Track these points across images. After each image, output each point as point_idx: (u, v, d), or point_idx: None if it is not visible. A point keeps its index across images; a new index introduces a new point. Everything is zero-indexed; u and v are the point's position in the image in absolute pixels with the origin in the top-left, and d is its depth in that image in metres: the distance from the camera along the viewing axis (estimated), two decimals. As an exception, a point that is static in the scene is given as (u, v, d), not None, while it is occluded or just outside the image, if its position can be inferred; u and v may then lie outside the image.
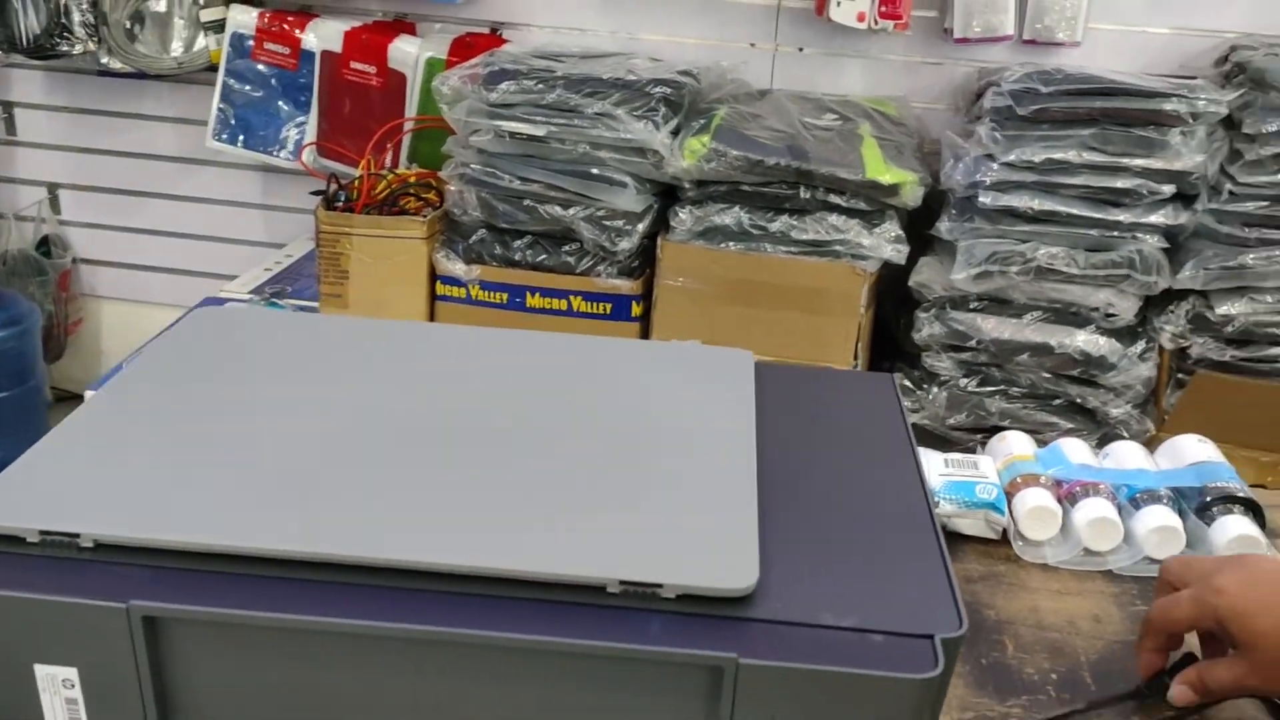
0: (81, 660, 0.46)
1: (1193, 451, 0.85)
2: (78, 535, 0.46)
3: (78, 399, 2.58)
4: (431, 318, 1.95)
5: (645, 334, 1.92)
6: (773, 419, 0.62)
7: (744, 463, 0.54)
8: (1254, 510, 0.79)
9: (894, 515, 0.54)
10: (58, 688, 0.46)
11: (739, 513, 0.50)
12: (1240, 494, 0.80)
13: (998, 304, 1.81)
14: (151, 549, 0.46)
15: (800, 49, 2.10)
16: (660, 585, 0.46)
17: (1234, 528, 0.77)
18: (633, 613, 0.46)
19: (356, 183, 1.95)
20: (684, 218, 1.82)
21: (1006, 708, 0.65)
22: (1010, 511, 0.80)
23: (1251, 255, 1.73)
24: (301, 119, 2.18)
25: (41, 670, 0.46)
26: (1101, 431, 1.86)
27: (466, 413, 0.57)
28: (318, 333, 0.65)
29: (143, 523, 0.47)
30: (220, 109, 2.17)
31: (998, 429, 1.30)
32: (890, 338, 2.00)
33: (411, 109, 2.11)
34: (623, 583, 0.46)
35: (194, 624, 0.45)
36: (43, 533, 0.47)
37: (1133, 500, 0.81)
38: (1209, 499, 0.80)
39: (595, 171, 1.81)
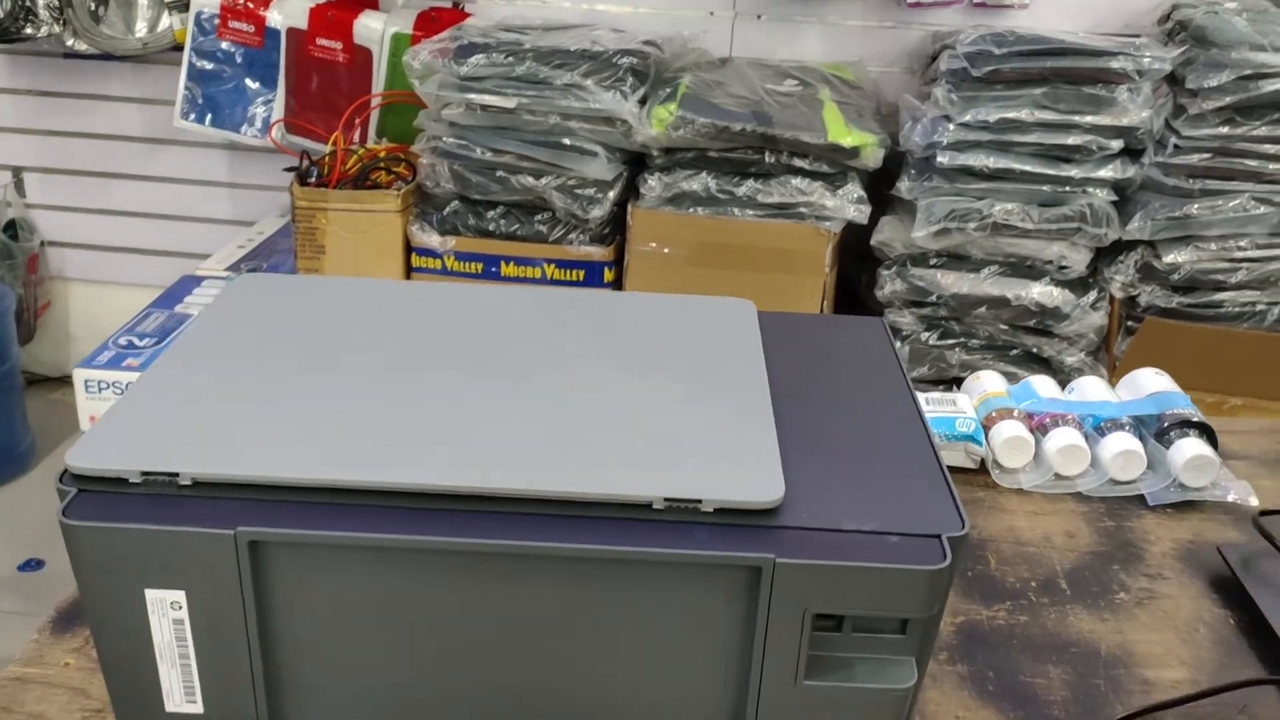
0: (189, 584, 0.51)
1: (1151, 383, 0.92)
2: (177, 474, 0.52)
3: (48, 382, 2.60)
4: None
5: (618, 298, 1.98)
6: (778, 358, 0.68)
7: (759, 391, 0.61)
8: (1207, 433, 0.87)
9: (896, 437, 0.60)
10: (166, 610, 0.52)
11: (761, 436, 0.56)
12: (1195, 419, 0.87)
13: (956, 260, 1.89)
14: (243, 484, 0.52)
15: (758, 16, 2.15)
16: (700, 500, 0.52)
17: (1190, 449, 0.84)
18: (677, 525, 0.52)
19: (328, 158, 1.98)
20: (653, 184, 1.87)
21: (993, 611, 0.72)
22: (988, 443, 0.87)
23: (1196, 205, 1.81)
24: (268, 96, 2.20)
25: (151, 594, 0.51)
26: (1058, 379, 1.94)
27: (508, 356, 0.63)
28: (356, 292, 0.70)
29: (234, 460, 0.52)
30: (187, 88, 2.19)
31: (959, 380, 1.38)
32: (854, 295, 2.07)
33: (379, 84, 2.15)
34: (666, 499, 0.52)
35: (293, 546, 0.51)
36: (144, 473, 0.52)
37: (1098, 429, 0.88)
38: (1166, 424, 0.87)
39: (566, 141, 1.85)
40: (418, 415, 0.56)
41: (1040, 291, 1.87)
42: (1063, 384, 0.95)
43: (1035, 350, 1.93)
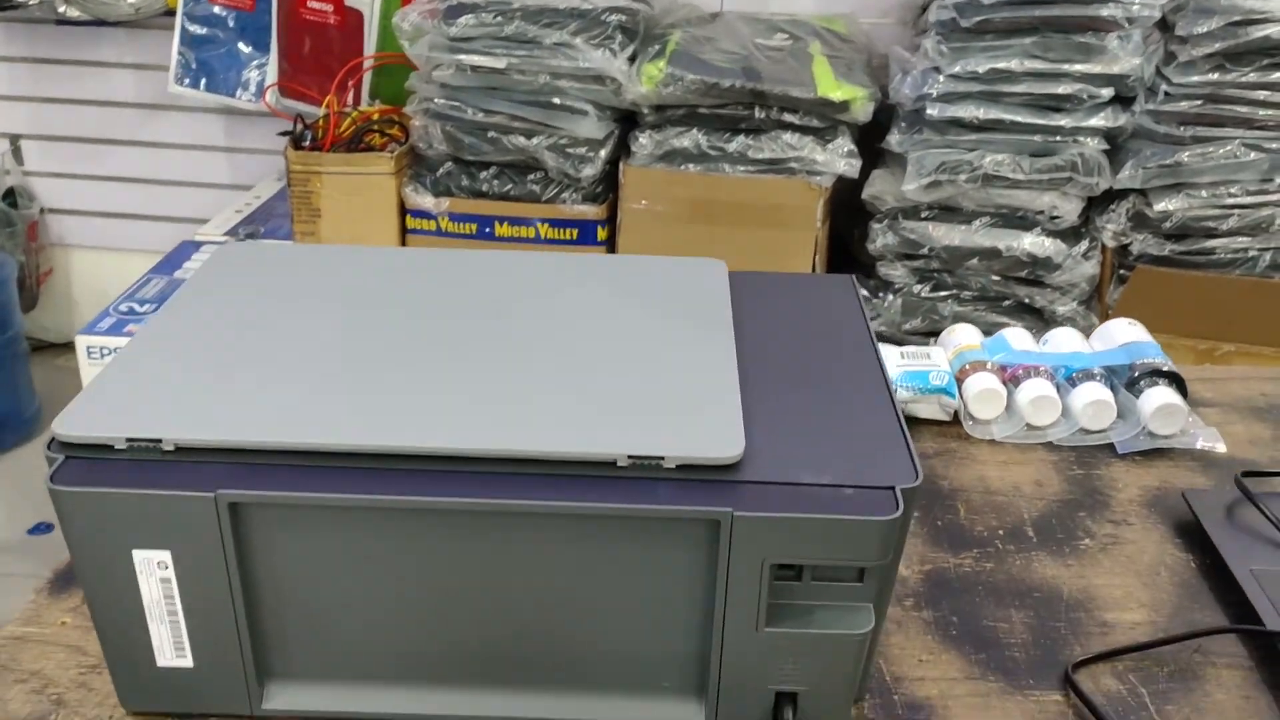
0: (174, 545, 0.53)
1: (1123, 333, 0.94)
2: (160, 440, 0.54)
3: (53, 348, 2.63)
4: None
5: (612, 256, 1.99)
6: (745, 316, 0.70)
7: (725, 349, 0.62)
8: (1177, 382, 0.89)
9: (856, 391, 0.62)
10: (153, 569, 0.54)
11: (724, 394, 0.58)
12: (1165, 368, 0.89)
13: (947, 212, 1.90)
14: (225, 449, 0.54)
15: (749, -30, 2.15)
16: (662, 457, 0.54)
17: (1158, 398, 0.86)
18: (640, 481, 0.54)
19: (322, 122, 1.99)
20: (644, 142, 1.88)
21: (959, 559, 0.74)
22: (960, 395, 0.89)
23: (1186, 153, 1.82)
24: (262, 60, 2.20)
25: (139, 555, 0.54)
26: (1050, 329, 1.96)
27: (483, 320, 0.65)
28: (339, 260, 0.72)
29: (215, 426, 0.54)
30: (180, 53, 2.20)
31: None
32: (846, 250, 2.09)
33: (370, 46, 2.15)
34: (630, 457, 0.54)
35: (271, 508, 0.53)
36: (129, 440, 0.54)
37: (1069, 379, 0.90)
38: (1137, 374, 0.89)
39: (556, 101, 1.86)
40: (391, 379, 0.58)
41: (1032, 242, 1.88)
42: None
43: (1027, 301, 1.94)
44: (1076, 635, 0.68)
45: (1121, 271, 1.93)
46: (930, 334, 1.96)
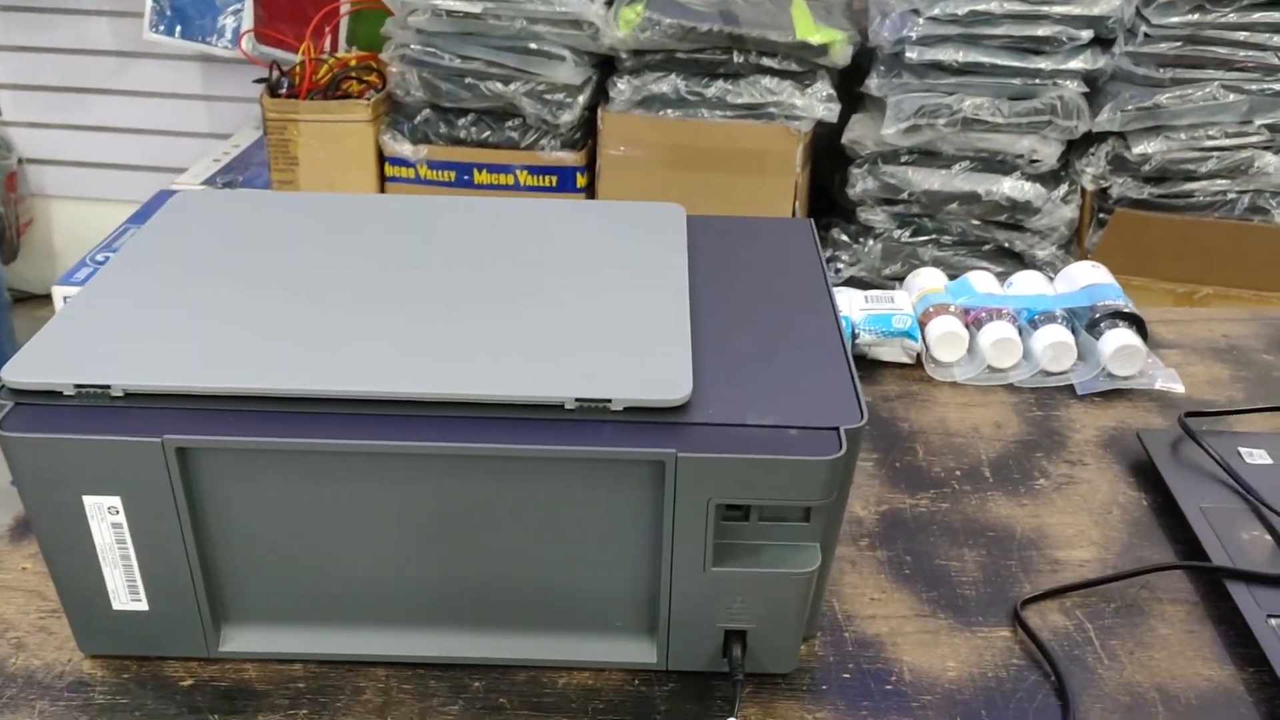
0: (123, 490, 0.54)
1: (1085, 276, 0.94)
2: (109, 386, 0.54)
3: (35, 299, 2.62)
4: (383, 198, 2.00)
5: (592, 203, 1.99)
6: (702, 260, 0.70)
7: (678, 295, 0.63)
8: (1137, 324, 0.89)
9: (807, 335, 0.63)
10: (104, 515, 0.55)
11: (674, 336, 0.59)
12: (1126, 310, 0.90)
13: (927, 156, 1.89)
14: (174, 394, 0.54)
15: (728, -88, 2.12)
16: (609, 400, 0.55)
17: (1118, 339, 0.87)
18: (587, 424, 0.54)
19: (298, 68, 1.98)
20: (622, 88, 1.87)
21: (916, 500, 0.75)
22: (923, 338, 0.90)
23: (1165, 95, 1.81)
24: (237, 6, 2.18)
25: (90, 500, 0.54)
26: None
27: (436, 266, 0.65)
28: (293, 207, 0.72)
29: (165, 372, 0.54)
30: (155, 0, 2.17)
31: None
32: (826, 195, 2.08)
33: (347, -9, 2.13)
34: (578, 399, 0.55)
35: (218, 452, 0.53)
36: (77, 386, 0.54)
37: (1031, 322, 0.90)
38: (1098, 315, 0.89)
39: (533, 46, 1.85)
40: (340, 325, 0.59)
41: (1011, 186, 1.87)
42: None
43: (1007, 245, 1.94)
44: (1027, 573, 0.69)
45: (1101, 215, 1.93)
46: (910, 279, 1.96)
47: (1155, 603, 0.66)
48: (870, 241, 1.95)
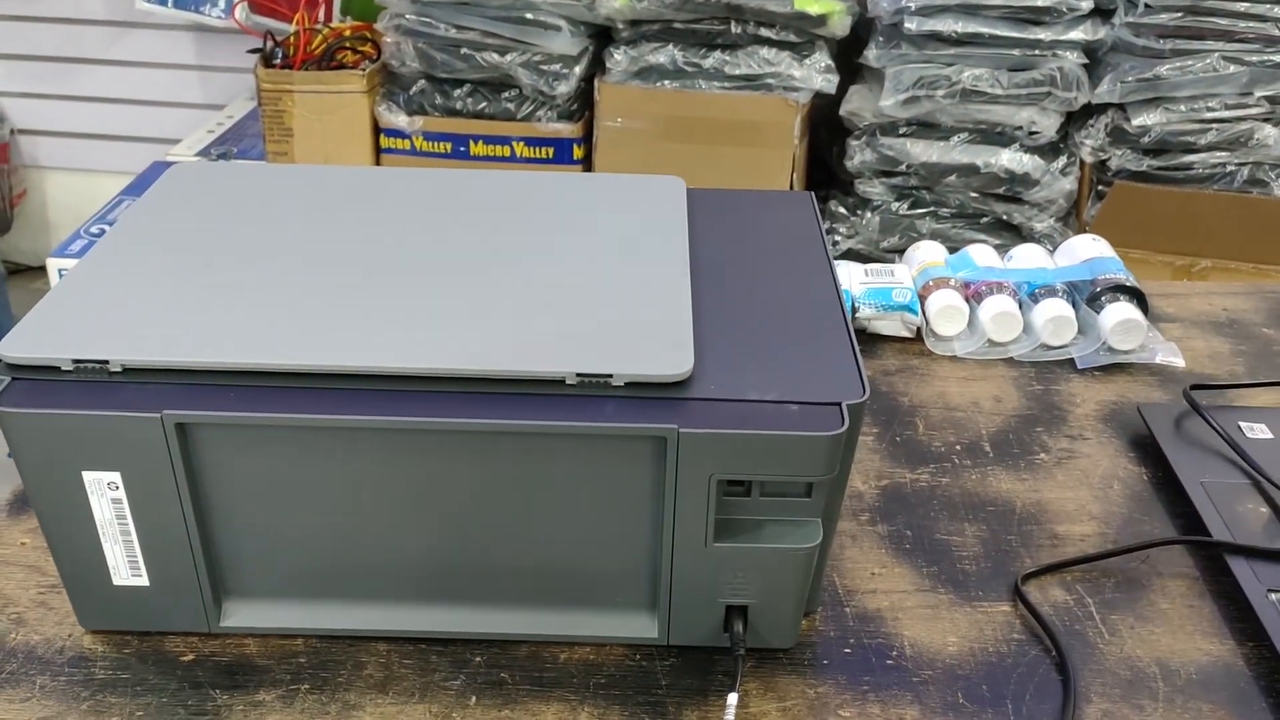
0: (123, 466, 0.53)
1: (1086, 249, 0.94)
2: (107, 361, 0.54)
3: (29, 271, 2.61)
4: (379, 170, 1.99)
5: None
6: (702, 233, 0.70)
7: (678, 268, 0.62)
8: (1138, 297, 0.89)
9: (809, 308, 0.62)
10: (104, 490, 0.54)
11: (675, 311, 0.58)
12: (1127, 283, 0.89)
13: (926, 128, 1.89)
14: (173, 369, 0.54)
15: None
16: (611, 375, 0.54)
17: (1119, 313, 0.86)
18: (589, 399, 0.54)
19: (293, 39, 1.96)
20: (619, 59, 1.86)
21: (916, 474, 0.75)
22: (923, 311, 0.89)
23: (1165, 66, 1.80)
24: (231, -25, 2.16)
25: (89, 475, 0.54)
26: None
27: (433, 240, 0.64)
28: (291, 179, 0.71)
29: (163, 347, 0.54)
30: (147, -31, 2.15)
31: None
32: (825, 167, 2.07)
33: (341, -40, 2.11)
34: (579, 375, 0.54)
35: (219, 428, 0.53)
36: (75, 361, 0.54)
37: (1032, 295, 0.90)
38: (1099, 289, 0.89)
39: (529, 16, 1.83)
40: (339, 299, 0.58)
41: (1010, 158, 1.87)
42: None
43: (1005, 217, 1.93)
44: (1028, 548, 0.69)
45: (1100, 188, 1.93)
46: (908, 251, 1.96)
47: (1156, 577, 0.66)
48: (868, 214, 1.95)
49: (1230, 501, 0.70)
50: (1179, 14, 1.79)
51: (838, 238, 1.96)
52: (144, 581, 0.58)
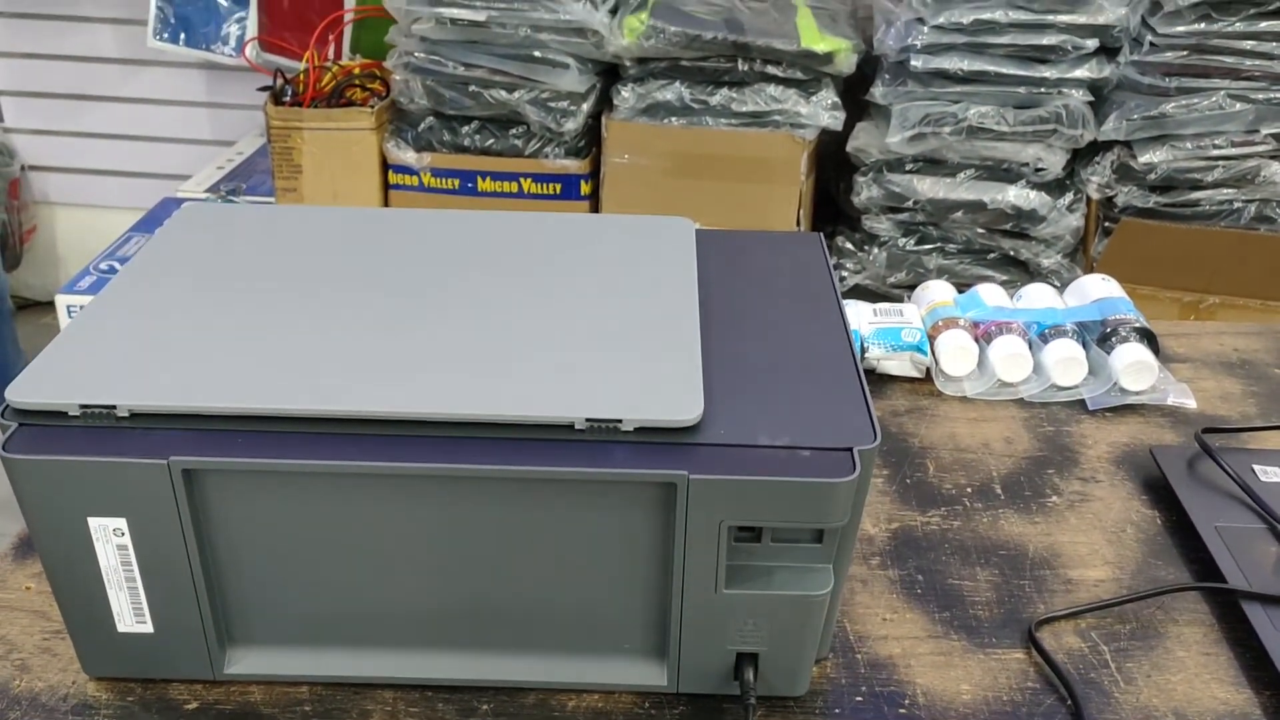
0: (129, 511, 0.53)
1: (1096, 289, 0.94)
2: (114, 406, 0.53)
3: (38, 306, 2.61)
4: (385, 206, 2.00)
5: (595, 211, 1.98)
6: (712, 275, 0.69)
7: (688, 312, 0.62)
8: (1149, 338, 0.88)
9: (819, 352, 0.62)
10: (109, 536, 0.54)
11: (685, 355, 0.58)
12: (1137, 324, 0.89)
13: (932, 164, 1.89)
14: (180, 414, 0.53)
15: (733, -80, 2.11)
16: (620, 420, 0.54)
17: (1130, 354, 0.86)
18: (598, 444, 0.54)
19: (302, 76, 1.97)
20: (626, 95, 1.87)
21: (927, 517, 0.74)
22: (932, 352, 0.89)
23: (1171, 104, 1.80)
24: (241, 14, 2.18)
25: (94, 522, 0.54)
26: (1035, 282, 1.96)
27: (441, 283, 0.64)
28: (301, 221, 0.71)
29: (171, 392, 0.54)
30: (159, 7, 2.16)
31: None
32: (832, 202, 2.08)
33: (351, -1, 2.12)
34: (588, 420, 0.54)
35: (226, 474, 0.53)
36: (83, 406, 0.53)
37: (1042, 335, 0.89)
38: (1109, 330, 0.89)
39: (537, 54, 1.84)
40: (347, 343, 0.58)
41: (1016, 194, 1.87)
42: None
43: (1012, 254, 1.93)
44: (1041, 593, 0.68)
45: (1106, 224, 1.92)
46: (916, 287, 1.95)
47: (1171, 624, 0.66)
48: (875, 249, 1.94)
49: (1245, 546, 0.69)
50: (1184, 52, 1.79)
51: (845, 273, 1.96)
52: (148, 629, 0.57)
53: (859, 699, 0.60)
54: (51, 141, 2.50)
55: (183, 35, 2.19)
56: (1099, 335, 0.89)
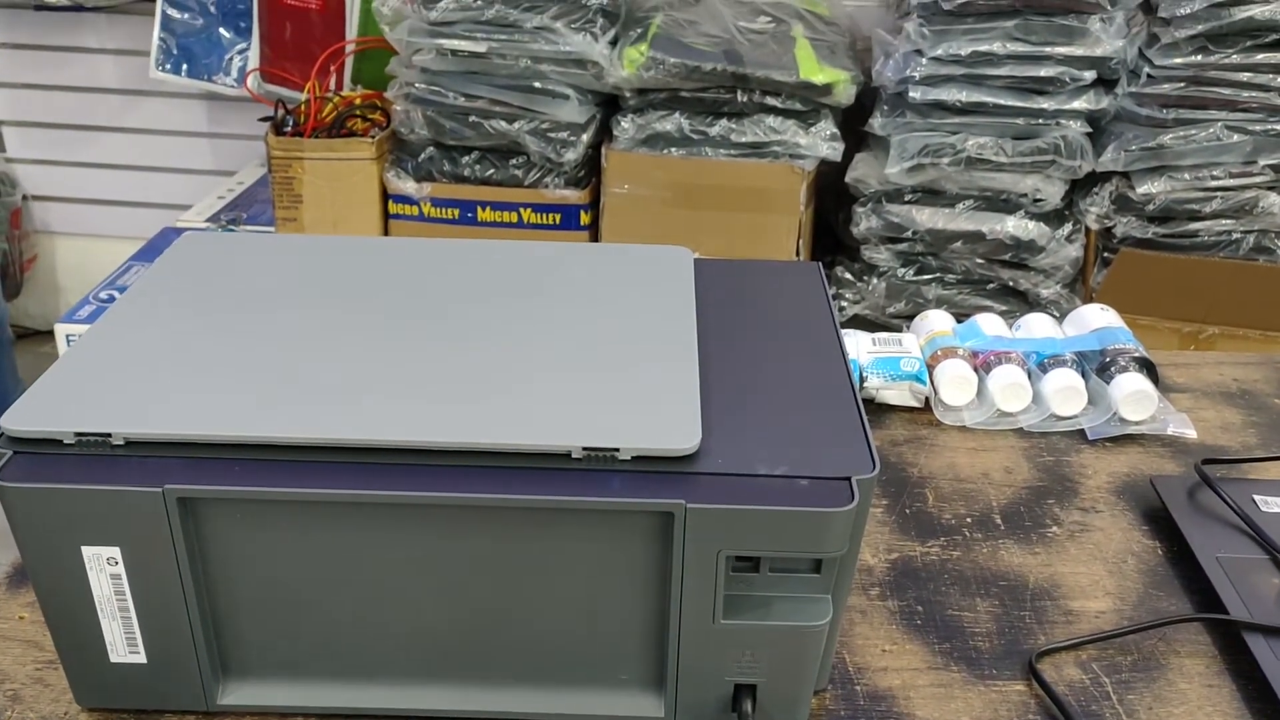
0: (123, 541, 0.53)
1: (1095, 319, 0.93)
2: (109, 434, 0.53)
3: (38, 335, 2.61)
4: (385, 236, 2.00)
5: (595, 241, 1.99)
6: (710, 305, 0.69)
7: (685, 341, 0.62)
8: (1148, 368, 0.88)
9: (817, 381, 0.62)
10: (103, 565, 0.54)
11: (682, 384, 0.58)
12: (1136, 354, 0.89)
13: (931, 195, 1.89)
14: (175, 443, 0.53)
15: (732, -47, 2.13)
16: (617, 449, 0.54)
17: (1130, 384, 0.86)
18: (595, 474, 0.53)
19: (303, 107, 1.98)
20: (626, 126, 1.87)
21: (926, 547, 0.74)
22: (931, 381, 0.89)
23: (1169, 135, 1.81)
24: (243, 45, 2.19)
25: (88, 551, 0.53)
26: (1033, 312, 1.96)
27: (440, 312, 0.64)
28: (299, 250, 0.71)
29: (166, 420, 0.54)
30: (161, 38, 2.18)
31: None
32: (831, 233, 2.08)
33: (351, 30, 2.14)
34: (585, 449, 0.54)
35: (221, 502, 0.52)
36: (78, 434, 0.53)
37: (1041, 365, 0.89)
38: (1108, 360, 0.89)
39: (537, 85, 1.85)
40: (343, 372, 0.58)
41: (1015, 225, 1.87)
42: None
43: (1011, 284, 1.94)
44: (1041, 624, 0.67)
45: (1105, 254, 1.93)
46: (915, 317, 1.96)
47: (1173, 655, 0.65)
48: (875, 280, 1.95)
49: (1247, 577, 0.69)
50: (1182, 84, 1.80)
51: (844, 303, 1.96)
52: (141, 659, 0.57)
53: (858, 731, 0.60)
54: (53, 171, 2.51)
55: (185, 66, 2.20)
56: (1098, 365, 0.89)
